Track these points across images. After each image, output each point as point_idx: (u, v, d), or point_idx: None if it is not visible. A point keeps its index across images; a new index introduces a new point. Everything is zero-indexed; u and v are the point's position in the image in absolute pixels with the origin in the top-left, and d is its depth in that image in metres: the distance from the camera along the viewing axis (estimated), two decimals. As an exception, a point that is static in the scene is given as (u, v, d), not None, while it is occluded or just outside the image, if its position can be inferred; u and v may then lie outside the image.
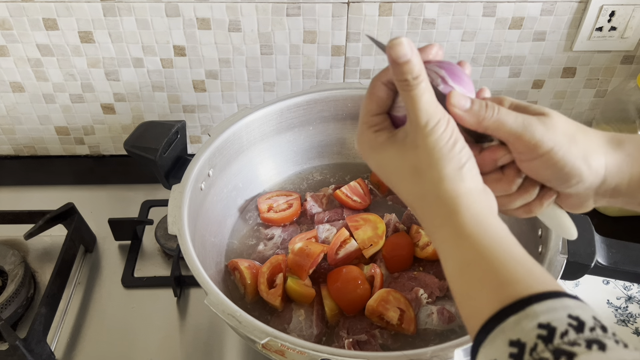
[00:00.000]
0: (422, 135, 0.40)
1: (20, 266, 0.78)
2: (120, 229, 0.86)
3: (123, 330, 0.76)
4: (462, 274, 0.38)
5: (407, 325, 0.66)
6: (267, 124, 0.81)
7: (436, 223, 0.41)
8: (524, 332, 0.32)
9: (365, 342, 0.66)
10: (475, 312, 0.36)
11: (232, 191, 0.81)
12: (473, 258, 0.38)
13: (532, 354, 0.31)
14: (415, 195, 0.42)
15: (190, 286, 0.81)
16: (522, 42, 0.88)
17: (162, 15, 0.83)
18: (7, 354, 0.67)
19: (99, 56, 0.88)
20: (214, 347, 0.74)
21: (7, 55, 0.87)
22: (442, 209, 0.40)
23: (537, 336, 0.32)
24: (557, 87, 0.95)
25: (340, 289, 0.68)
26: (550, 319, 0.32)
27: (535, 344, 0.31)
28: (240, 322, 0.54)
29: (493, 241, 0.38)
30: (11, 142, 1.00)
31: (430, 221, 0.41)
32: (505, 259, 0.37)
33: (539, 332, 0.32)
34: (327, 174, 0.88)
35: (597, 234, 0.64)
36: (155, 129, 0.76)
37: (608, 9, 0.83)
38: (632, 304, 0.79)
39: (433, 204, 0.40)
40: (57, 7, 0.82)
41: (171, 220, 0.64)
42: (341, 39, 0.87)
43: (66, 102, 0.94)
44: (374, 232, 0.74)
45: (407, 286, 0.71)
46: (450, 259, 0.39)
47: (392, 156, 0.43)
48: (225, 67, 0.90)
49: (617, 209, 0.91)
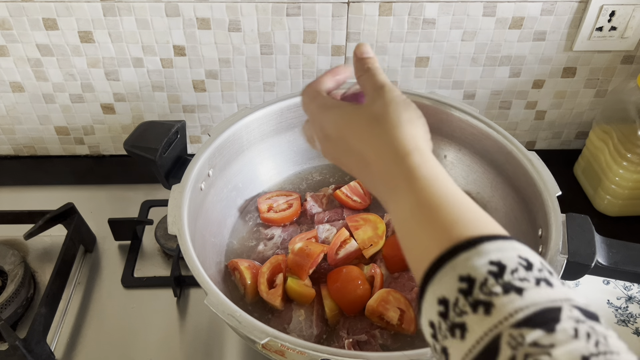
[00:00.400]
0: (382, 92, 0.45)
1: (20, 266, 0.78)
2: (120, 229, 0.86)
3: (123, 330, 0.76)
4: (412, 216, 0.38)
5: (407, 326, 0.66)
6: (267, 124, 0.81)
7: (390, 170, 0.41)
8: (475, 268, 0.33)
9: (365, 342, 0.66)
10: (423, 252, 0.36)
11: (232, 191, 0.81)
12: (425, 199, 0.38)
13: (482, 288, 0.32)
14: (370, 145, 0.43)
15: (190, 286, 0.81)
16: (522, 42, 0.88)
17: (162, 15, 0.83)
18: (7, 354, 0.67)
19: (98, 56, 0.88)
20: (214, 347, 0.74)
21: (7, 55, 0.87)
22: (398, 152, 0.41)
23: (488, 272, 0.32)
24: (557, 87, 0.95)
25: (341, 289, 0.68)
26: (500, 257, 0.33)
27: (486, 279, 0.32)
28: (240, 322, 0.54)
29: (445, 186, 0.39)
30: (11, 142, 1.00)
31: (384, 171, 0.42)
32: (456, 203, 0.38)
33: (490, 269, 0.32)
34: (327, 174, 0.88)
35: (597, 234, 0.64)
36: (155, 129, 0.76)
37: (608, 8, 0.83)
38: (632, 304, 0.79)
39: (389, 150, 0.42)
40: (57, 7, 0.82)
41: (171, 220, 0.64)
42: (341, 39, 0.87)
43: (66, 102, 0.94)
44: (374, 232, 0.74)
45: (407, 286, 0.71)
46: (401, 202, 0.40)
47: (348, 111, 0.46)
48: (225, 67, 0.90)
49: (617, 209, 0.91)
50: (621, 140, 0.85)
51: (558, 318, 0.30)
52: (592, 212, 0.93)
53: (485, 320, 0.31)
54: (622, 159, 0.85)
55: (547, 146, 1.05)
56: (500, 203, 0.77)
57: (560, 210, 0.65)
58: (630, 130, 0.83)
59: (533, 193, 0.69)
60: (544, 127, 1.02)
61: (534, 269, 0.33)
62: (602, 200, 0.91)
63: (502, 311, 0.31)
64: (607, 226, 0.89)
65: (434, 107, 0.78)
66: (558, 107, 0.99)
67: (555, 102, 0.98)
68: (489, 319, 0.31)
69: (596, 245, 0.63)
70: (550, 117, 1.00)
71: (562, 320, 0.30)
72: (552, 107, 0.99)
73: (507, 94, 0.96)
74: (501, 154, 0.75)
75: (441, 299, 0.33)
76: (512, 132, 1.00)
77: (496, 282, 0.32)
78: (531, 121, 1.01)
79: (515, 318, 0.30)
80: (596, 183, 0.92)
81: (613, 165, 0.87)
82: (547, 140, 1.04)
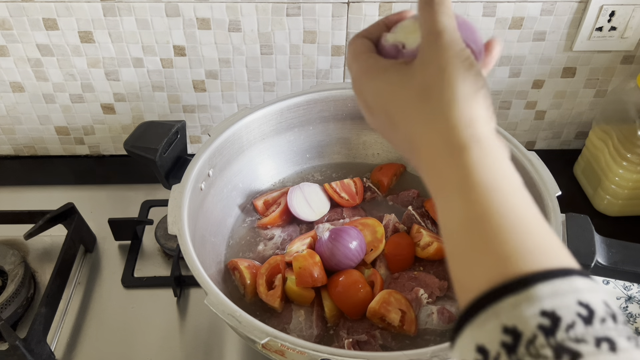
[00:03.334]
0: (437, 48, 0.35)
1: (20, 266, 0.78)
2: (120, 229, 0.86)
3: (123, 330, 0.76)
4: (462, 231, 0.31)
5: (408, 327, 0.66)
6: (267, 124, 0.81)
7: (441, 165, 0.33)
8: (522, 319, 0.27)
9: (365, 342, 0.65)
10: (469, 281, 0.30)
11: (232, 191, 0.81)
12: (479, 215, 0.31)
13: (528, 347, 0.26)
14: (418, 127, 0.35)
15: (190, 286, 0.81)
16: (522, 42, 0.88)
17: (162, 15, 0.83)
18: (7, 354, 0.67)
19: (99, 56, 0.88)
20: (214, 347, 0.74)
21: (7, 55, 0.87)
22: (451, 144, 0.33)
23: (538, 326, 0.26)
24: (557, 87, 0.95)
25: (342, 293, 0.68)
26: (555, 306, 0.27)
27: (534, 336, 0.26)
28: (240, 322, 0.54)
29: (506, 197, 0.31)
30: (11, 142, 1.00)
31: (433, 164, 0.34)
32: (516, 222, 0.30)
33: (541, 322, 0.27)
34: (327, 173, 0.88)
35: (597, 234, 0.64)
36: (155, 129, 0.76)
37: (608, 9, 0.83)
38: (632, 304, 0.79)
39: (440, 139, 0.33)
40: (57, 7, 0.82)
41: (171, 220, 0.64)
42: (341, 39, 0.87)
43: (66, 102, 0.94)
44: (373, 236, 0.74)
45: (408, 286, 0.71)
46: (451, 209, 0.32)
47: (395, 79, 0.36)
48: (225, 67, 0.90)
49: (617, 209, 0.91)
50: (621, 140, 0.85)
51: None
52: (592, 212, 0.93)
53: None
54: (622, 159, 0.85)
55: (547, 146, 1.05)
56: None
57: (560, 210, 0.65)
58: (630, 130, 0.83)
59: (533, 193, 0.68)
60: (544, 127, 1.02)
61: (594, 322, 0.26)
62: (602, 200, 0.91)
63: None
64: (607, 226, 0.89)
65: (434, 107, 0.78)
66: (558, 107, 0.99)
67: (555, 102, 0.98)
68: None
69: (596, 245, 0.63)
70: (550, 117, 1.00)
71: None
72: (552, 107, 0.99)
73: (507, 94, 0.96)
74: (501, 154, 0.75)
75: (480, 347, 0.28)
76: (512, 132, 1.00)
77: (547, 341, 0.26)
78: (531, 121, 1.01)
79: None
80: (596, 183, 0.92)
81: (613, 165, 0.87)
82: (547, 140, 1.04)
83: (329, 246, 0.70)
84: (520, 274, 0.28)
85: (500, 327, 0.27)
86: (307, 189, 0.82)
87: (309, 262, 0.69)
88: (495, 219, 0.30)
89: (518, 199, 0.32)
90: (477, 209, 0.31)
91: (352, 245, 0.70)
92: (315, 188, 0.82)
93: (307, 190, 0.81)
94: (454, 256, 0.32)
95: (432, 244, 0.73)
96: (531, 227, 0.30)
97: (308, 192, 0.81)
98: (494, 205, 0.31)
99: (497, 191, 0.31)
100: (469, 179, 0.32)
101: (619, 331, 0.27)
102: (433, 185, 0.35)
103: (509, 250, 0.29)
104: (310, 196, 0.81)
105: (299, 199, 0.80)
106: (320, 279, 0.68)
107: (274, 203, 0.82)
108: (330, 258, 0.70)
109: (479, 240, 0.30)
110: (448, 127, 0.33)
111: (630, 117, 0.83)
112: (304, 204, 0.80)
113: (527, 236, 0.30)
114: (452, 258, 0.32)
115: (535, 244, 0.30)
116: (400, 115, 0.36)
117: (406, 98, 0.36)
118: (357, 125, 0.86)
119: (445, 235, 0.33)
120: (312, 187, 0.82)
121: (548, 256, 0.29)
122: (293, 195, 0.80)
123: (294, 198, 0.80)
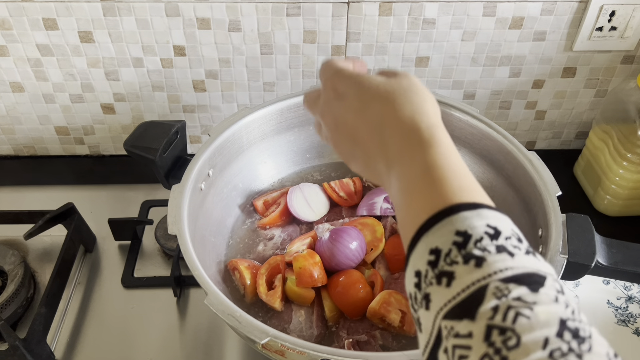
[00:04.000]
0: (399, 75, 0.45)
1: (20, 266, 0.78)
2: (120, 229, 0.86)
3: (123, 330, 0.76)
4: (423, 175, 0.38)
5: (408, 327, 0.66)
6: (267, 124, 0.81)
7: (411, 134, 0.41)
8: (473, 226, 0.34)
9: (365, 342, 0.65)
10: (424, 208, 0.37)
11: (232, 191, 0.81)
12: (443, 162, 0.39)
13: (476, 244, 0.33)
14: (403, 110, 0.42)
15: (190, 286, 0.81)
16: (522, 42, 0.88)
17: (162, 15, 0.83)
18: (7, 354, 0.67)
19: (98, 56, 0.88)
20: (214, 347, 0.74)
21: (7, 55, 0.87)
22: (428, 121, 0.41)
23: (485, 232, 0.34)
24: (557, 87, 0.95)
25: (342, 293, 0.68)
26: (497, 225, 0.34)
27: (481, 237, 0.33)
28: (240, 322, 0.54)
29: (460, 159, 0.40)
30: (11, 142, 1.00)
31: (402, 134, 0.41)
32: (467, 174, 0.39)
33: (487, 230, 0.34)
34: (327, 173, 0.88)
35: (597, 234, 0.64)
36: (155, 129, 0.76)
37: (608, 8, 0.83)
38: (632, 304, 0.78)
39: (421, 115, 0.42)
40: (57, 7, 0.82)
41: (171, 220, 0.64)
42: (341, 38, 0.87)
43: (66, 102, 0.94)
44: (372, 235, 0.74)
45: (407, 286, 0.71)
46: (415, 163, 0.39)
47: (382, 79, 0.44)
48: (225, 67, 0.90)
49: (617, 209, 0.91)
50: (621, 140, 0.85)
51: (542, 283, 0.32)
52: (592, 212, 0.93)
53: (475, 271, 0.32)
54: (622, 159, 0.85)
55: (547, 146, 1.05)
56: (500, 203, 0.77)
57: (560, 210, 0.65)
58: (630, 130, 0.83)
59: (533, 193, 0.69)
60: (544, 127, 1.02)
61: (500, 238, 0.34)
62: (602, 200, 0.91)
63: (492, 266, 0.32)
64: (607, 226, 0.89)
65: (434, 107, 0.78)
66: (558, 107, 0.99)
67: (555, 102, 0.98)
68: (479, 270, 0.32)
69: (596, 245, 0.63)
70: (550, 117, 1.00)
71: (546, 286, 0.32)
72: (552, 107, 0.99)
73: (507, 94, 0.96)
74: (501, 154, 0.75)
75: (433, 249, 0.34)
76: (512, 132, 1.00)
77: (491, 242, 0.33)
78: (531, 121, 1.01)
79: (505, 274, 0.32)
80: (596, 183, 0.92)
81: (613, 165, 0.87)
82: (547, 140, 1.04)
83: (329, 246, 0.70)
84: (472, 201, 0.36)
85: (454, 231, 0.34)
86: (307, 189, 0.82)
87: (309, 262, 0.69)
88: (455, 167, 0.39)
89: (465, 165, 0.40)
90: (441, 159, 0.39)
91: (352, 245, 0.70)
92: (315, 188, 0.82)
93: (307, 191, 0.81)
94: (409, 196, 0.39)
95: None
96: (475, 181, 0.39)
97: (308, 192, 0.81)
98: (454, 159, 0.39)
99: (455, 153, 0.40)
100: (437, 139, 0.40)
101: (520, 246, 0.34)
102: (393, 156, 0.41)
103: (463, 187, 0.37)
104: (310, 196, 0.81)
105: (299, 200, 0.80)
106: (320, 279, 0.68)
107: (274, 203, 0.82)
108: (331, 258, 0.70)
109: (439, 179, 0.38)
110: (426, 110, 0.42)
111: (630, 117, 0.83)
112: (304, 205, 0.80)
113: (475, 185, 0.38)
114: (406, 199, 0.39)
115: (480, 191, 0.38)
116: (384, 106, 0.43)
117: (395, 91, 0.43)
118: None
119: (402, 186, 0.40)
120: (312, 187, 0.82)
121: (471, 195, 0.37)
122: (293, 196, 0.80)
123: (294, 198, 0.80)
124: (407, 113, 0.41)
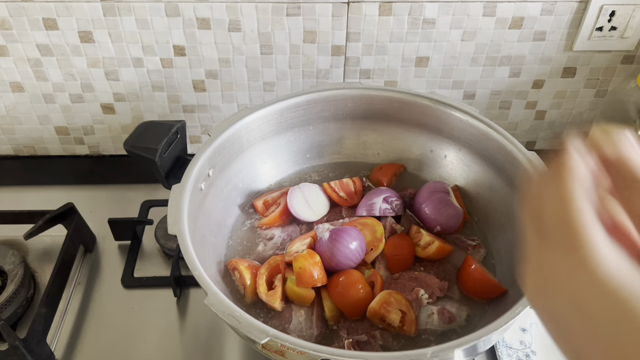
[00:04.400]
0: None
1: (20, 266, 0.78)
2: (120, 229, 0.86)
3: (123, 330, 0.76)
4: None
5: (408, 328, 0.66)
6: (267, 124, 0.81)
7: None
8: None
9: (365, 342, 0.65)
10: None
11: (232, 191, 0.81)
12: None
13: None
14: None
15: (190, 286, 0.81)
16: (522, 42, 0.88)
17: (162, 15, 0.83)
18: (7, 354, 0.67)
19: (98, 56, 0.88)
20: (214, 347, 0.74)
21: (6, 55, 0.87)
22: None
23: None
24: (557, 87, 0.95)
25: (342, 293, 0.68)
26: None
27: None
28: (240, 322, 0.54)
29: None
30: (11, 142, 1.00)
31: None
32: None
33: None
34: (327, 173, 0.88)
35: (597, 234, 0.64)
36: (155, 129, 0.76)
37: (608, 8, 0.83)
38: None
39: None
40: (57, 7, 0.82)
41: (171, 220, 0.64)
42: (341, 38, 0.87)
43: (66, 102, 0.94)
44: (372, 235, 0.74)
45: (408, 287, 0.71)
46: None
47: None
48: (225, 67, 0.90)
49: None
50: (621, 140, 0.85)
51: None
52: (592, 212, 0.93)
53: None
54: (622, 159, 0.85)
55: (547, 146, 1.05)
56: (500, 203, 0.77)
57: (560, 210, 0.65)
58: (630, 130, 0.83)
59: (533, 193, 0.69)
60: (544, 127, 1.02)
61: None
62: (602, 200, 0.91)
63: None
64: (607, 226, 0.89)
65: (434, 107, 0.78)
66: (558, 107, 0.99)
67: (555, 102, 0.98)
68: None
69: (596, 245, 0.62)
70: (550, 117, 1.00)
71: None
72: (552, 107, 0.99)
73: (507, 94, 0.96)
74: (501, 154, 0.75)
75: None
76: (512, 132, 1.00)
77: None
78: (531, 121, 1.01)
79: None
80: (596, 183, 0.91)
81: (613, 165, 0.87)
82: (547, 140, 1.04)
83: (329, 246, 0.70)
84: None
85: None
86: (307, 189, 0.82)
87: (309, 262, 0.69)
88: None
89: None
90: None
91: (352, 245, 0.70)
92: (315, 188, 0.82)
93: (307, 191, 0.81)
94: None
95: (432, 243, 0.73)
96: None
97: (308, 192, 0.81)
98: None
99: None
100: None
101: None
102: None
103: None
104: (310, 197, 0.81)
105: (299, 200, 0.80)
106: (320, 279, 0.68)
107: (274, 203, 0.82)
108: (331, 258, 0.70)
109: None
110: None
111: (630, 117, 0.83)
112: (304, 205, 0.80)
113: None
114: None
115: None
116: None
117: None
118: (357, 125, 0.86)
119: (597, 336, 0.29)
120: (311, 187, 0.82)
121: None
122: (293, 196, 0.80)
123: (294, 198, 0.80)
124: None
